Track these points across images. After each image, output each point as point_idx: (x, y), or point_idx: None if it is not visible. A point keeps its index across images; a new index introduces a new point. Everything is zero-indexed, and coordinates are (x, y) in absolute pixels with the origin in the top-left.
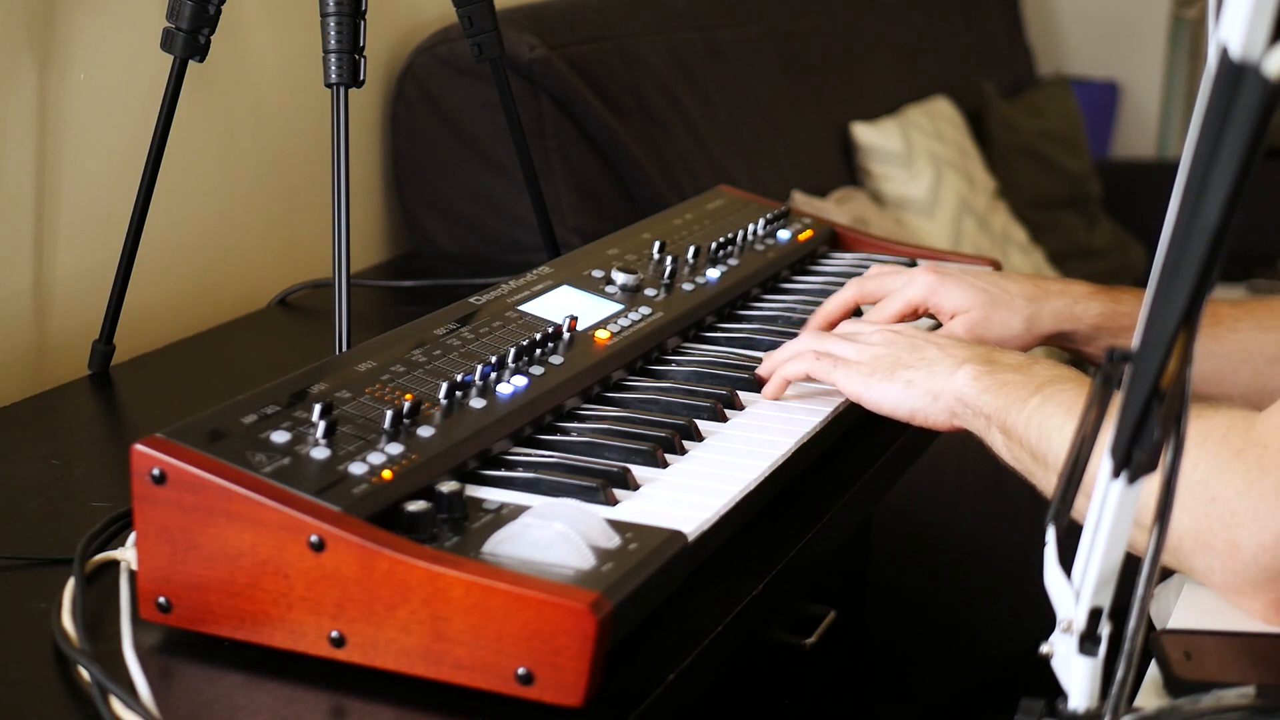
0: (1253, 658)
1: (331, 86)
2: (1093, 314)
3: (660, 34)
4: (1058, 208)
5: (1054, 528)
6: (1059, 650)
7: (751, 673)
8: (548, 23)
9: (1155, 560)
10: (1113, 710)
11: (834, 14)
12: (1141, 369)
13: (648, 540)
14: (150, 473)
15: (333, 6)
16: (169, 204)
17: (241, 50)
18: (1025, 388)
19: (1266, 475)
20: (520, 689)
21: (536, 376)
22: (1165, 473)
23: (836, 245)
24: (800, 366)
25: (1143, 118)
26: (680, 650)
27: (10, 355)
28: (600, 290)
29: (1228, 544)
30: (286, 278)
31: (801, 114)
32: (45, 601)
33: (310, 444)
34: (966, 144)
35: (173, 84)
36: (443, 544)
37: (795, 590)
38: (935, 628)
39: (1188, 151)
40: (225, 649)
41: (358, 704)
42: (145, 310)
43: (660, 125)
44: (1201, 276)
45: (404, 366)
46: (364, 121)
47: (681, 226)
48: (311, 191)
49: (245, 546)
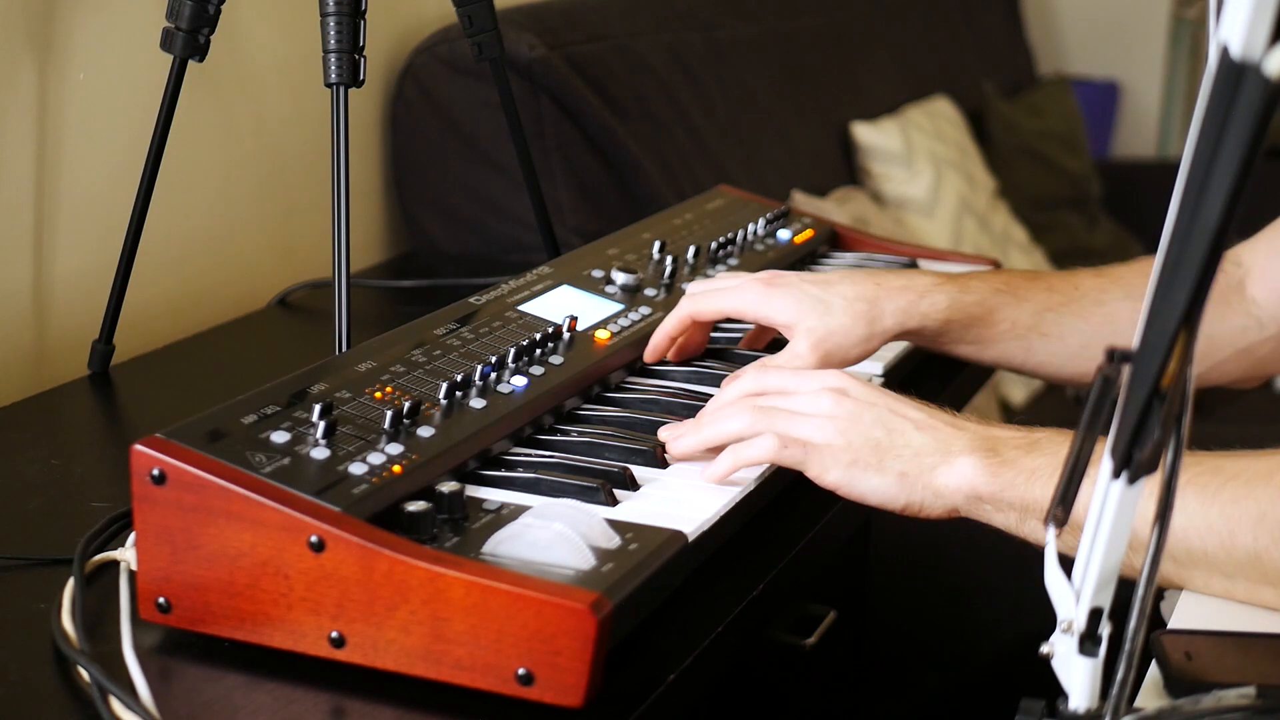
0: (1253, 658)
1: (331, 86)
2: (940, 307)
3: (660, 34)
4: (1058, 208)
5: (1054, 528)
6: (1059, 650)
7: (751, 673)
8: (548, 23)
9: (1155, 561)
10: (1113, 710)
11: (834, 14)
12: (1142, 369)
13: (648, 540)
14: (150, 473)
15: (333, 6)
16: (169, 204)
17: (241, 50)
18: (1048, 459)
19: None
20: (520, 689)
21: (536, 376)
22: (1165, 473)
23: (836, 245)
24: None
25: (1143, 118)
26: (680, 650)
27: (10, 355)
28: (600, 290)
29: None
30: (286, 278)
31: (801, 114)
32: (45, 602)
33: (310, 444)
34: (967, 144)
35: (172, 84)
36: (443, 544)
37: (795, 590)
38: (935, 628)
39: (1188, 151)
40: (225, 649)
41: (358, 704)
42: (145, 310)
43: (660, 125)
44: (1202, 276)
45: (404, 366)
46: (364, 121)
47: (681, 226)
48: (311, 191)
49: (245, 547)
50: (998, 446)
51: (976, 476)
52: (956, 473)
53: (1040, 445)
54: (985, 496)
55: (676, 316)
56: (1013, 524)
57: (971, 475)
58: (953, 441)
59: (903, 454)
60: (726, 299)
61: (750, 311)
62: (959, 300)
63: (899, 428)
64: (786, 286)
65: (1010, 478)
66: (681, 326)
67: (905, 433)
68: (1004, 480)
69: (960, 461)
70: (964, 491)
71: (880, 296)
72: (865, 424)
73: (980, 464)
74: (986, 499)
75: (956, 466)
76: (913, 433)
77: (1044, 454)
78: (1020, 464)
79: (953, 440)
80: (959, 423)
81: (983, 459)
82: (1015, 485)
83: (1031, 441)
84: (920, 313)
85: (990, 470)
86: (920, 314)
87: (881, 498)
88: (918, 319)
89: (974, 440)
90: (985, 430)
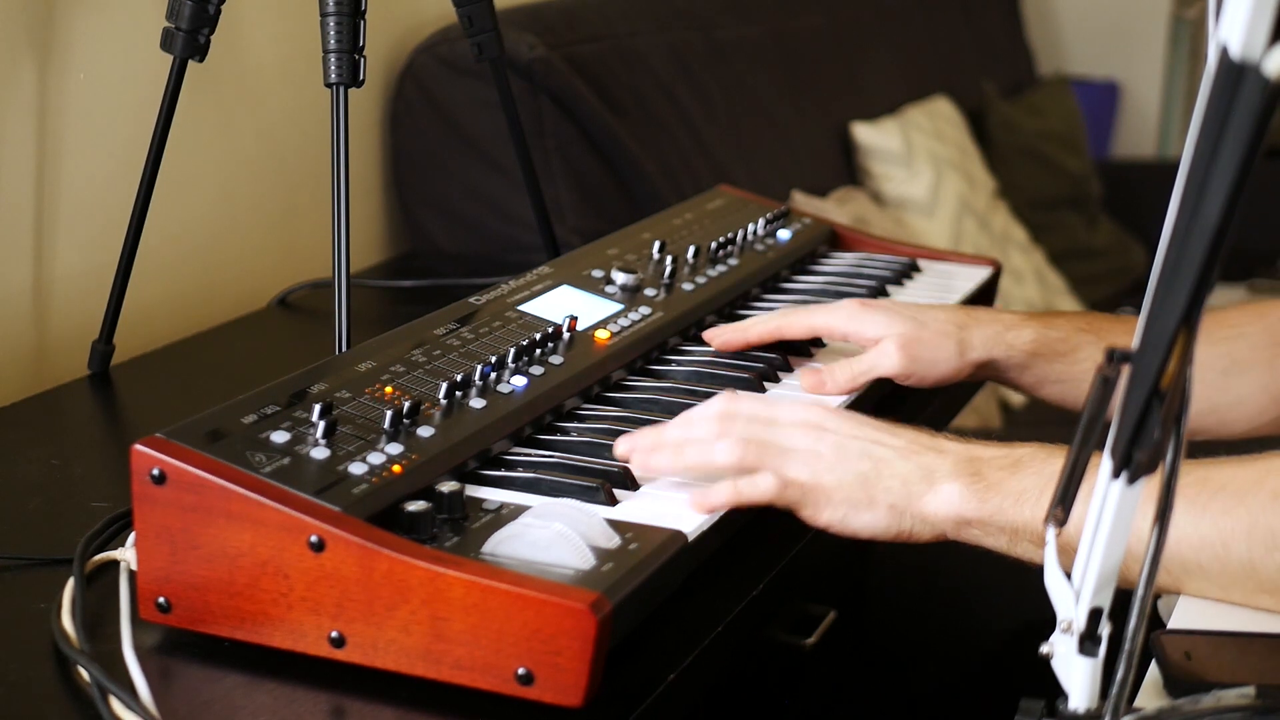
0: (1252, 658)
1: (331, 86)
2: (1025, 340)
3: (660, 34)
4: (1058, 208)
5: (1053, 528)
6: (1059, 650)
7: (751, 673)
8: (548, 23)
9: (1155, 561)
10: (1113, 710)
11: (834, 14)
12: (1142, 369)
13: (648, 540)
14: (150, 473)
15: (332, 6)
16: (169, 204)
17: (241, 50)
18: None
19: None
20: (520, 689)
21: (536, 376)
22: (1165, 473)
23: (836, 245)
24: (764, 492)
25: (1143, 118)
26: (680, 650)
27: (10, 355)
28: (600, 290)
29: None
30: (286, 278)
31: (801, 114)
32: (45, 601)
33: (310, 444)
34: (966, 144)
35: (172, 84)
36: (443, 544)
37: (795, 590)
38: (935, 628)
39: (1188, 151)
40: (225, 649)
41: (358, 704)
42: (145, 310)
43: (660, 125)
44: (1202, 276)
45: (404, 366)
46: (364, 121)
47: (681, 226)
48: (311, 191)
49: (245, 546)
50: (981, 469)
51: (963, 503)
52: (943, 499)
53: (1024, 465)
54: (974, 522)
55: (763, 328)
56: (1004, 546)
57: (958, 502)
58: (936, 468)
59: (891, 485)
60: (818, 316)
61: (840, 327)
62: (1044, 335)
63: (883, 458)
64: (880, 307)
65: (998, 503)
66: (765, 341)
67: (890, 462)
68: (992, 506)
69: (945, 489)
70: (952, 519)
71: (970, 324)
72: (851, 458)
73: (965, 490)
74: (975, 524)
75: (942, 493)
76: (897, 462)
77: (1029, 474)
78: (1006, 487)
79: (936, 466)
80: (940, 445)
81: (967, 484)
82: (1004, 510)
83: (1014, 461)
84: (1006, 343)
85: (976, 496)
86: (1006, 344)
87: (873, 531)
88: (1004, 349)
89: (956, 464)
90: (966, 451)
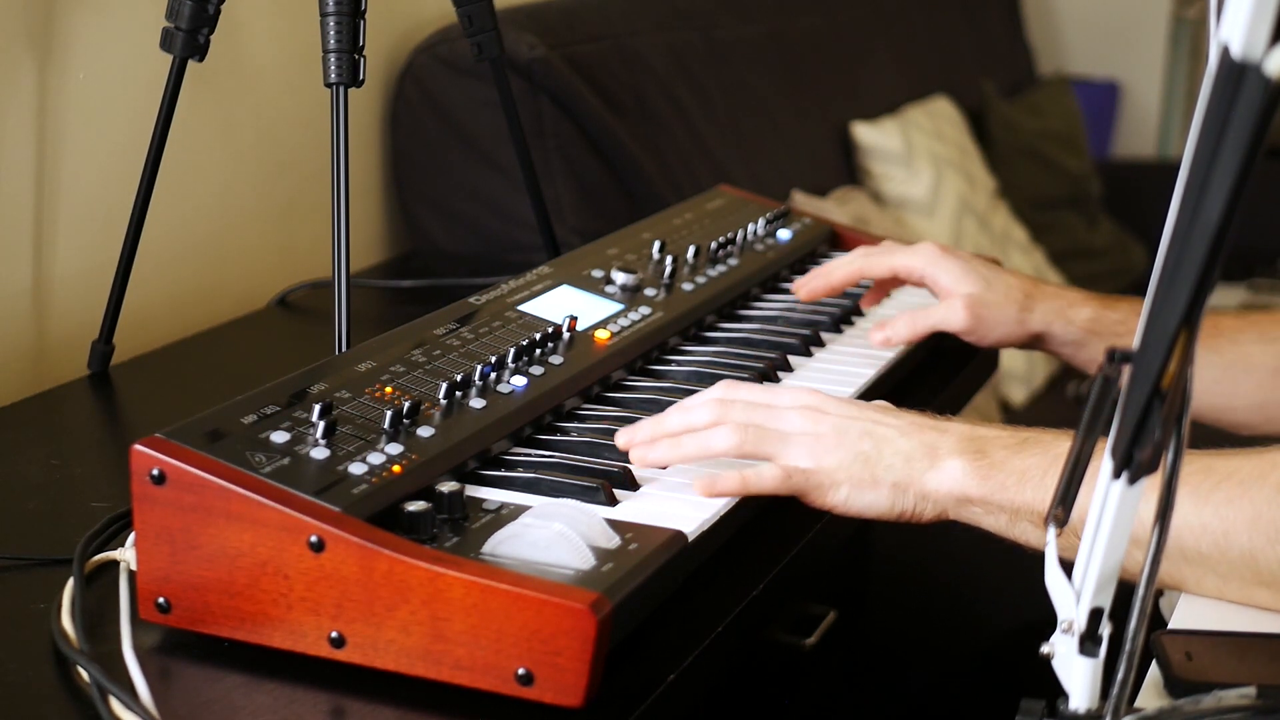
0: (1253, 658)
1: (331, 86)
2: (1083, 317)
3: (660, 34)
4: (1058, 208)
5: (1054, 528)
6: (1060, 651)
7: (751, 673)
8: (548, 23)
9: (1156, 561)
10: (1113, 711)
11: (834, 14)
12: (1142, 369)
13: (648, 540)
14: (150, 473)
15: (332, 6)
16: (169, 204)
17: (241, 50)
18: (1038, 459)
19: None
20: (520, 689)
21: (536, 376)
22: (1165, 473)
23: (836, 245)
24: (770, 482)
25: (1143, 118)
26: (680, 650)
27: (10, 355)
28: (600, 290)
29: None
30: (286, 278)
31: (801, 114)
32: (45, 602)
33: (310, 444)
34: (966, 144)
35: (172, 84)
36: (443, 544)
37: (795, 590)
38: (935, 628)
39: (1188, 151)
40: (225, 649)
41: (358, 704)
42: (145, 310)
43: (660, 125)
44: (1203, 276)
45: (404, 366)
46: (364, 121)
47: (681, 226)
48: (311, 191)
49: (245, 547)
50: (985, 447)
51: (965, 479)
52: (945, 475)
53: (1028, 445)
54: (975, 499)
55: (846, 269)
56: (1003, 527)
57: (960, 478)
58: (939, 444)
59: (893, 463)
60: (899, 257)
61: (918, 270)
62: (1103, 315)
63: (885, 436)
64: (959, 256)
65: (1000, 480)
66: (850, 281)
67: (892, 440)
68: (994, 483)
69: (948, 464)
70: (954, 495)
71: (1035, 295)
72: (851, 438)
73: (968, 466)
74: (976, 502)
75: (944, 469)
76: (899, 440)
77: (1033, 454)
78: (1009, 465)
79: (938, 442)
80: (942, 425)
81: (971, 461)
82: (1005, 488)
83: (1019, 441)
84: (1065, 318)
85: (979, 473)
86: (1066, 318)
87: (877, 511)
88: (1063, 322)
89: (960, 442)
90: (971, 430)
